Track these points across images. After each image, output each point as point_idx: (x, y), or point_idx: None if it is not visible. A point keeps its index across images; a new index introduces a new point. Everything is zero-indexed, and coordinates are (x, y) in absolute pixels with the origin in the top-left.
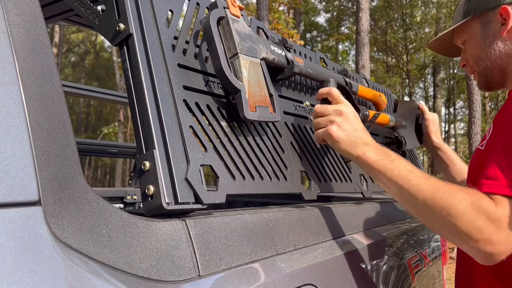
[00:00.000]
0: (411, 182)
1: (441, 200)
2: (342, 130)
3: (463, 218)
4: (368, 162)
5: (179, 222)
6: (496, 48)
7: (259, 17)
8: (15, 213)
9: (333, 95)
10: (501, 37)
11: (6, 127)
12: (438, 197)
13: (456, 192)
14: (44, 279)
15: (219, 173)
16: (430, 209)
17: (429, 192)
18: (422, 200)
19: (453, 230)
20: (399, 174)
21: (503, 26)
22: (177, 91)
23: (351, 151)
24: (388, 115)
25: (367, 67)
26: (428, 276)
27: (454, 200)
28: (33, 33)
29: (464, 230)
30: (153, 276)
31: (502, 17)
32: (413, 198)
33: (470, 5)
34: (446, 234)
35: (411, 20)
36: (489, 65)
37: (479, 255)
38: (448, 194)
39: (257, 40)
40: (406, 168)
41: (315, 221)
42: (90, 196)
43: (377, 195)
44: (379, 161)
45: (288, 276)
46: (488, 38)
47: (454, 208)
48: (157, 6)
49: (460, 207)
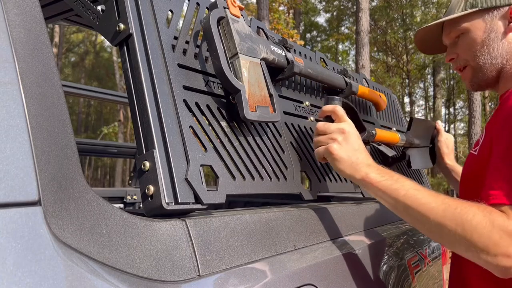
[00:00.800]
0: (420, 201)
1: (454, 217)
2: (343, 150)
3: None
4: (372, 184)
5: (179, 222)
6: (500, 44)
7: (259, 17)
8: (15, 213)
9: (337, 113)
10: (506, 35)
11: (6, 127)
12: (450, 214)
13: (466, 208)
14: (44, 279)
15: (219, 173)
16: (444, 227)
17: (440, 210)
18: (434, 218)
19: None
20: (406, 194)
21: (511, 24)
22: (177, 91)
23: (353, 173)
24: (398, 133)
25: (367, 67)
26: (428, 276)
27: (466, 216)
28: (33, 33)
29: (480, 245)
30: (153, 276)
31: (511, 15)
32: (424, 217)
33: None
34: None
35: (411, 20)
36: (489, 61)
37: (497, 270)
38: (459, 210)
39: (257, 40)
40: (412, 187)
41: (315, 221)
42: (90, 196)
43: None
44: (382, 181)
45: (288, 276)
46: (493, 33)
47: (468, 224)
48: (157, 6)
49: (474, 222)
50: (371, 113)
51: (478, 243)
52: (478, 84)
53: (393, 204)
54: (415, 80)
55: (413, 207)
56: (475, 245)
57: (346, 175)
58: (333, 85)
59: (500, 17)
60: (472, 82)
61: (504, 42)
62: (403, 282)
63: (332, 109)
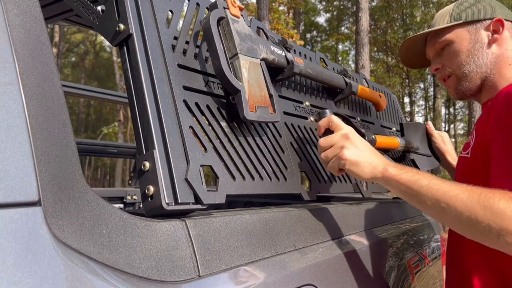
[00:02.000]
0: (443, 189)
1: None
2: (355, 153)
3: (508, 215)
4: (394, 179)
5: (179, 223)
6: (484, 54)
7: (259, 17)
8: (15, 213)
9: (333, 123)
10: (489, 45)
11: (6, 127)
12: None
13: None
14: (44, 279)
15: (219, 173)
16: (472, 212)
17: (466, 196)
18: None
19: (501, 230)
20: (428, 184)
21: (494, 36)
22: (177, 91)
23: (373, 171)
24: (397, 138)
25: (367, 67)
26: (428, 276)
27: (493, 200)
28: (33, 33)
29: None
30: (153, 277)
31: (493, 28)
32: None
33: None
34: (492, 236)
35: (411, 20)
36: (474, 69)
37: None
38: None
39: (257, 40)
40: (434, 178)
41: (315, 221)
42: (90, 196)
43: (377, 195)
44: (403, 174)
45: (288, 276)
46: (477, 44)
47: (496, 207)
48: (157, 6)
49: (502, 205)
50: (371, 113)
51: (509, 226)
52: (462, 92)
53: (416, 196)
54: (415, 80)
55: (438, 196)
56: (507, 227)
57: (366, 175)
58: (333, 85)
59: (484, 29)
60: (456, 90)
61: (488, 52)
62: (403, 282)
63: (328, 120)
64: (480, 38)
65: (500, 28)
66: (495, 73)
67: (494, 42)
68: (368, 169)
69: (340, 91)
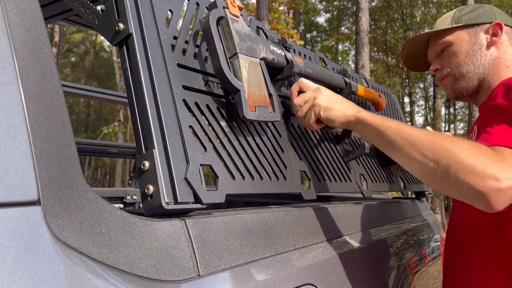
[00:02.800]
0: (410, 129)
1: (443, 142)
2: (329, 98)
3: (469, 155)
4: (365, 120)
5: (178, 222)
6: (483, 55)
7: (259, 17)
8: (14, 213)
9: (303, 83)
10: (488, 47)
11: (6, 127)
12: (439, 140)
13: (455, 137)
14: (43, 278)
15: (219, 173)
16: (434, 153)
17: (430, 137)
18: (425, 144)
19: (459, 168)
20: (397, 125)
21: (493, 38)
22: (177, 91)
23: (346, 114)
24: None
25: (367, 67)
26: (428, 276)
27: (456, 143)
28: (33, 33)
29: (469, 167)
30: (153, 276)
31: (493, 31)
32: (414, 145)
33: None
34: (450, 176)
35: (411, 20)
36: (472, 70)
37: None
38: (447, 137)
39: (256, 40)
40: (402, 123)
41: (314, 221)
42: (89, 196)
43: (377, 195)
44: (373, 117)
45: (288, 275)
46: (476, 45)
47: (459, 148)
48: (157, 6)
49: (464, 146)
50: None
51: (468, 164)
52: (459, 92)
53: (384, 137)
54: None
55: (405, 135)
56: (465, 165)
57: (340, 119)
58: (333, 85)
59: (483, 32)
60: (453, 89)
61: (486, 54)
62: (403, 282)
63: (298, 82)
64: (479, 40)
65: (499, 32)
66: (492, 75)
67: (493, 45)
68: (341, 112)
69: (339, 91)
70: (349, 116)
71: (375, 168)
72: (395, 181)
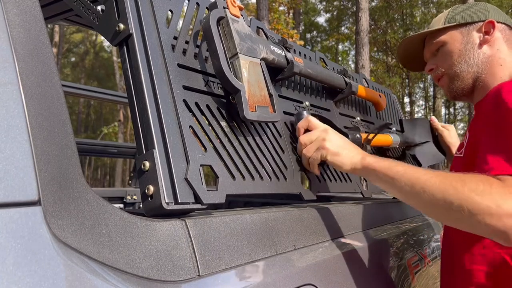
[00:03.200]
0: (418, 173)
1: (452, 183)
2: (337, 143)
3: (479, 195)
4: (372, 166)
5: (178, 222)
6: (476, 54)
7: (259, 17)
8: (15, 213)
9: (311, 122)
10: (480, 46)
11: (6, 127)
12: (449, 180)
13: (463, 175)
14: (44, 279)
15: (219, 173)
16: (445, 193)
17: (440, 178)
18: (435, 186)
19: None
20: (404, 170)
21: (485, 37)
22: (177, 91)
23: (352, 160)
24: (390, 135)
25: (367, 67)
26: (428, 276)
27: (464, 181)
28: (33, 33)
29: (484, 208)
30: (153, 276)
31: (485, 29)
32: (425, 188)
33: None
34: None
35: (411, 20)
36: (466, 69)
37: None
38: (457, 177)
39: (257, 40)
40: (408, 165)
41: (315, 221)
42: (90, 196)
43: (377, 195)
44: (379, 162)
45: (288, 276)
46: (469, 44)
47: (468, 189)
48: (157, 6)
49: (473, 186)
50: (371, 113)
51: (481, 205)
52: (455, 91)
53: (393, 182)
54: (415, 80)
55: (413, 180)
56: (479, 207)
57: (346, 165)
58: (333, 85)
59: (476, 30)
60: (449, 89)
61: (479, 52)
62: (403, 282)
63: (305, 121)
64: (472, 39)
65: (491, 30)
66: (486, 73)
67: (486, 43)
68: (347, 158)
69: (340, 91)
70: (355, 163)
71: None
72: None
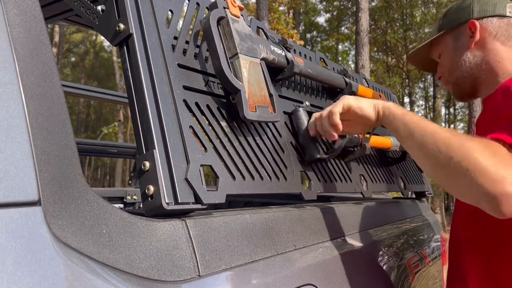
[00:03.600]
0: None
1: (460, 140)
2: (354, 98)
3: (483, 155)
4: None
5: (179, 222)
6: (466, 59)
7: (259, 17)
8: (15, 213)
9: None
10: (470, 49)
11: (6, 127)
12: (457, 138)
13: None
14: (44, 279)
15: (219, 173)
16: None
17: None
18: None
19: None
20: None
21: (471, 39)
22: (177, 91)
23: (373, 101)
24: (390, 138)
25: (367, 67)
26: (428, 276)
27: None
28: (33, 33)
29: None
30: (153, 276)
31: (471, 30)
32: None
33: (444, 20)
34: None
35: (411, 20)
36: (461, 75)
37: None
38: (465, 136)
39: (257, 40)
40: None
41: (315, 221)
42: (90, 196)
43: (377, 195)
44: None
45: (288, 276)
46: (459, 50)
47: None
48: (157, 6)
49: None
50: None
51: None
52: (461, 96)
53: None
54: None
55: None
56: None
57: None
58: (333, 85)
59: (463, 34)
60: (455, 95)
61: (470, 56)
62: (403, 282)
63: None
64: (461, 44)
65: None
66: (485, 73)
67: (475, 45)
68: (370, 102)
69: (340, 91)
70: (375, 104)
71: (375, 168)
72: (395, 181)
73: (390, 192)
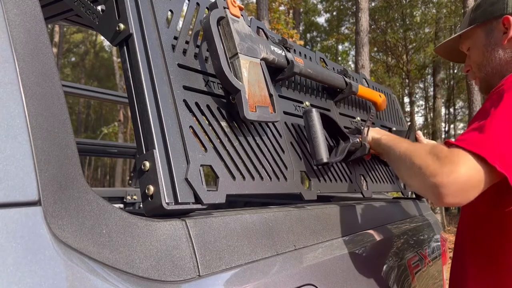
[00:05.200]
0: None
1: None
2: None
3: (423, 156)
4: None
5: (179, 222)
6: (497, 55)
7: (259, 17)
8: (15, 213)
9: None
10: (502, 45)
11: (6, 127)
12: (413, 147)
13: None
14: (44, 279)
15: (219, 173)
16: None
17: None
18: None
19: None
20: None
21: (504, 35)
22: (177, 91)
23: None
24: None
25: (367, 67)
26: (428, 276)
27: (421, 146)
28: (33, 33)
29: (421, 167)
30: (153, 276)
31: (505, 26)
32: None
33: (477, 14)
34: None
35: (411, 20)
36: (490, 72)
37: (430, 191)
38: (426, 145)
39: (257, 40)
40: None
41: (315, 221)
42: (90, 196)
43: (377, 195)
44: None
45: (288, 276)
46: (490, 46)
47: (419, 151)
48: (157, 6)
49: (426, 148)
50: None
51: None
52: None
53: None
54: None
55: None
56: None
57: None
58: (333, 85)
59: (496, 29)
60: (483, 91)
61: (501, 52)
62: (403, 282)
63: None
64: (493, 39)
65: (509, 27)
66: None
67: (508, 41)
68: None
69: (340, 91)
70: (372, 135)
71: (375, 168)
72: (395, 181)
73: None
